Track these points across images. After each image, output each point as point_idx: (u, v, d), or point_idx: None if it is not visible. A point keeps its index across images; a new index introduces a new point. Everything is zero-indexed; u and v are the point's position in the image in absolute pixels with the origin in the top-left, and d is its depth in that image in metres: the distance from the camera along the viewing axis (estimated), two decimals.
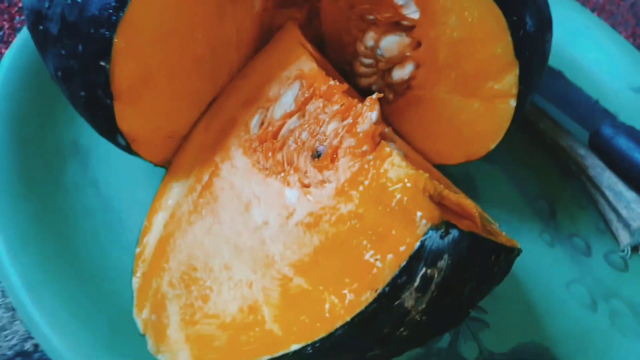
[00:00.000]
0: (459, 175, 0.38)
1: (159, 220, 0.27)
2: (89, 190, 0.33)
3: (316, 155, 0.22)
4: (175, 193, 0.27)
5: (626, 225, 0.36)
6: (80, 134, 0.35)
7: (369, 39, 0.32)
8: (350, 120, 0.22)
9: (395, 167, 0.19)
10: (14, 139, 0.32)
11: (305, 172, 0.22)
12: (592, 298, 0.34)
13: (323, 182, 0.21)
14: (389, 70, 0.33)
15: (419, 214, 0.18)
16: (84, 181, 0.33)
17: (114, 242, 0.31)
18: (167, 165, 0.30)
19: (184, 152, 0.29)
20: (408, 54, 0.31)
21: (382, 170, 0.19)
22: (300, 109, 0.25)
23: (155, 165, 0.29)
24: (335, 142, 0.22)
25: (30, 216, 0.30)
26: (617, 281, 0.35)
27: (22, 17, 0.45)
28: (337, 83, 0.25)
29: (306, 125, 0.24)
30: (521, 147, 0.42)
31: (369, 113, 0.22)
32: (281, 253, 0.20)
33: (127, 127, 0.26)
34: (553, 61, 0.49)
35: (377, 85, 0.34)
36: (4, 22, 0.44)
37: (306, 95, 0.25)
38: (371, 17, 0.31)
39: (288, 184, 0.22)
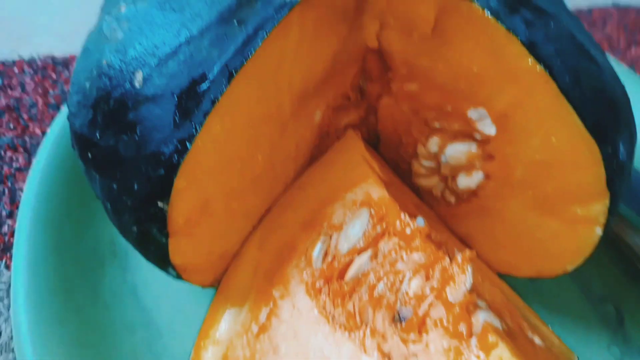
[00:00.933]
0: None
1: (208, 358, 0.24)
2: (128, 300, 0.31)
3: (398, 319, 0.20)
4: (227, 326, 0.25)
5: None
6: (117, 234, 0.33)
7: (433, 144, 0.29)
8: (437, 279, 0.20)
9: None
10: (49, 244, 0.30)
11: (384, 336, 0.20)
12: None
13: (411, 356, 0.19)
14: (453, 176, 0.30)
15: None
16: (122, 288, 0.31)
17: None
18: (217, 284, 0.27)
19: (235, 273, 0.27)
20: (477, 164, 0.28)
21: None
22: (371, 245, 0.23)
23: (204, 287, 0.27)
24: (421, 308, 0.19)
25: (68, 334, 0.28)
26: None
27: (57, 92, 0.43)
28: (412, 222, 0.22)
29: (381, 272, 0.22)
30: None
31: (462, 277, 0.19)
32: None
33: (180, 260, 0.23)
34: None
35: (438, 188, 0.32)
36: (38, 97, 0.43)
37: (378, 230, 0.23)
38: (437, 124, 0.28)
39: (364, 349, 0.20)
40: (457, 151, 0.28)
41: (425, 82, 0.27)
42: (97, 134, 0.21)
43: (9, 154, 0.38)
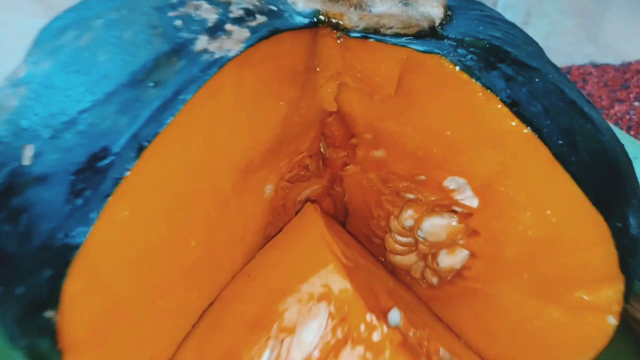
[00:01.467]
0: None
1: None
2: None
3: None
4: None
5: None
6: None
7: (407, 217, 0.25)
8: None
9: None
10: None
11: None
12: None
13: None
14: (433, 254, 0.26)
15: None
16: None
17: None
18: None
19: None
20: (461, 241, 0.24)
21: None
22: (330, 356, 0.18)
23: None
24: None
25: None
26: None
27: None
28: (381, 324, 0.17)
29: None
30: None
31: None
32: None
33: None
34: None
35: (417, 267, 0.27)
36: None
37: (338, 335, 0.18)
38: (410, 195, 0.24)
39: None
40: (436, 226, 0.24)
41: (394, 148, 0.23)
42: None
43: None
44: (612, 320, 0.21)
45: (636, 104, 0.60)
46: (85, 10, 0.20)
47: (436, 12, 0.22)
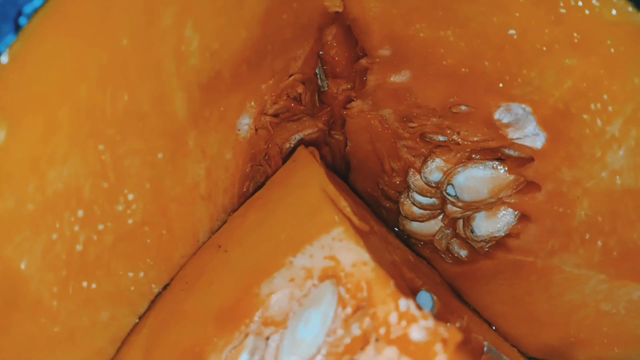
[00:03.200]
0: None
1: None
2: None
3: None
4: None
5: None
6: None
7: (434, 169, 0.19)
8: None
9: None
10: None
11: None
12: None
13: None
14: (466, 218, 0.20)
15: None
16: None
17: None
18: None
19: None
20: (509, 198, 0.18)
21: None
22: (344, 355, 0.12)
23: None
24: None
25: None
26: None
27: None
28: (425, 317, 0.11)
29: None
30: None
31: None
32: None
33: None
34: None
35: (442, 237, 0.21)
36: None
37: (354, 331, 0.12)
38: (441, 137, 0.18)
39: None
40: (475, 179, 0.19)
41: (423, 66, 0.17)
42: None
43: None
44: None
45: None
46: None
47: None
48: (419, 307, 0.12)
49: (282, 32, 0.16)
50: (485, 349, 0.17)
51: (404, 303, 0.12)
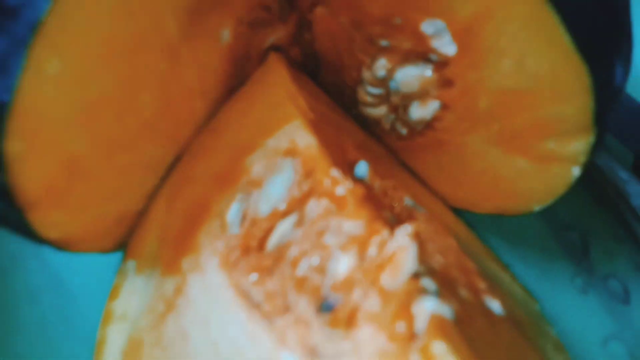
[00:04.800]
0: None
1: (114, 336, 0.20)
2: (32, 262, 0.26)
3: (324, 308, 0.16)
4: (133, 298, 0.21)
5: None
6: None
7: (380, 67, 0.24)
8: (372, 258, 0.15)
9: None
10: None
11: (308, 326, 0.16)
12: (633, 358, 0.30)
13: (338, 355, 0.15)
14: (404, 106, 0.25)
15: None
16: (22, 250, 0.27)
17: (68, 333, 0.25)
18: (122, 248, 0.23)
19: (141, 236, 0.22)
20: (433, 91, 0.23)
21: None
22: (296, 208, 0.18)
23: (107, 253, 0.22)
24: (352, 296, 0.15)
25: None
26: None
27: None
28: (347, 182, 0.17)
29: (306, 245, 0.17)
30: None
31: (404, 257, 0.15)
32: None
33: (57, 234, 0.18)
34: None
35: (388, 119, 0.27)
36: None
37: (303, 189, 0.18)
38: (384, 42, 0.22)
39: (284, 344, 0.16)
40: (409, 76, 0.23)
41: None
42: None
43: None
44: (577, 171, 0.21)
45: None
46: None
47: None
48: (345, 174, 0.18)
49: None
50: (405, 201, 0.24)
51: (334, 172, 0.18)
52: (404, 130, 0.27)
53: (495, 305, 0.19)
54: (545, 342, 0.20)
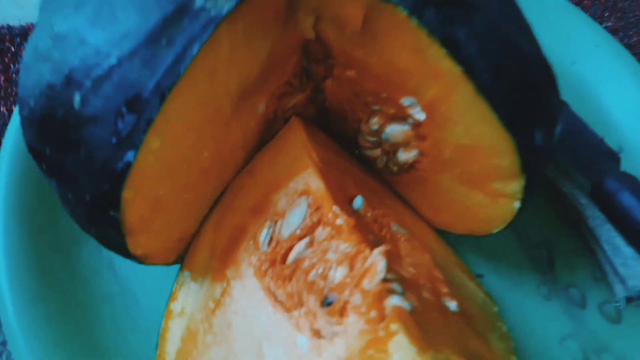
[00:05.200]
0: None
1: (175, 328, 0.28)
2: (105, 272, 0.34)
3: (325, 303, 0.23)
4: (189, 300, 0.28)
5: (622, 281, 0.37)
6: None
7: (374, 123, 0.31)
8: (357, 269, 0.23)
9: (402, 350, 0.20)
10: (25, 231, 0.33)
11: (315, 316, 0.23)
12: (585, 354, 0.36)
13: (334, 335, 0.22)
14: (393, 151, 0.32)
15: None
16: (99, 263, 0.34)
17: (133, 327, 0.32)
18: (180, 260, 0.31)
19: (195, 252, 0.30)
20: (413, 143, 0.30)
21: (390, 351, 0.20)
22: (308, 233, 0.26)
23: (169, 265, 0.30)
24: (344, 295, 0.23)
25: (51, 309, 0.31)
26: (609, 334, 0.37)
27: (18, 66, 0.43)
28: (344, 216, 0.25)
29: (315, 259, 0.25)
30: None
31: (378, 268, 0.22)
32: None
33: (141, 252, 0.26)
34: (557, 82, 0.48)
35: (382, 160, 0.34)
36: None
37: (314, 219, 0.26)
38: (376, 107, 0.30)
39: (299, 328, 0.23)
40: (395, 131, 0.30)
41: (362, 70, 0.28)
42: (47, 149, 0.23)
43: None
44: (517, 204, 0.28)
45: None
46: None
47: None
48: (343, 209, 0.26)
49: (279, 58, 0.27)
50: (392, 226, 0.31)
51: (335, 208, 0.26)
52: (394, 168, 0.34)
53: (452, 304, 0.26)
54: (492, 334, 0.27)
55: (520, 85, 0.24)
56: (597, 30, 0.50)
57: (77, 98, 0.22)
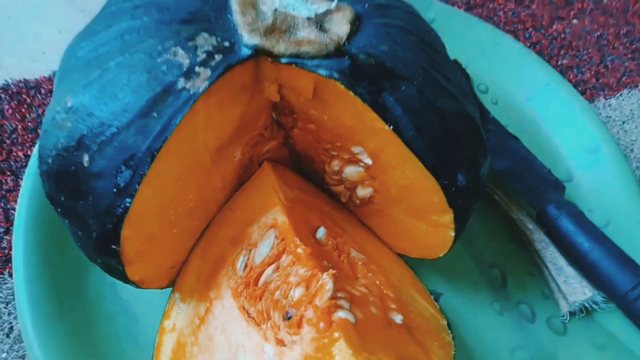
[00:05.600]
0: None
1: (167, 342, 0.33)
2: (109, 295, 0.40)
3: (287, 317, 0.29)
4: (179, 318, 0.34)
5: (565, 297, 0.42)
6: None
7: (335, 165, 0.37)
8: (312, 289, 0.28)
9: (341, 353, 0.25)
10: (40, 262, 0.39)
11: (279, 328, 0.29)
12: None
13: (292, 343, 0.27)
14: (353, 187, 0.38)
15: None
16: (104, 287, 0.40)
17: (133, 343, 0.38)
18: (172, 285, 0.36)
19: (184, 277, 0.35)
20: (367, 182, 0.36)
21: (333, 353, 0.25)
22: (275, 260, 0.31)
23: (162, 289, 0.36)
24: (301, 310, 0.28)
25: (63, 327, 0.37)
26: (556, 345, 0.42)
27: (33, 115, 0.50)
28: (302, 246, 0.30)
29: (279, 281, 0.30)
30: (479, 216, 0.47)
31: (327, 288, 0.28)
32: None
33: (137, 277, 0.32)
34: (511, 118, 0.53)
35: (345, 194, 0.40)
36: (17, 123, 0.49)
37: (279, 248, 0.31)
38: (334, 152, 0.36)
39: (266, 339, 0.29)
40: (351, 171, 0.36)
41: (319, 125, 0.34)
42: (62, 197, 0.29)
43: None
44: (452, 233, 0.34)
45: (575, 21, 0.67)
46: (100, 48, 0.29)
47: (343, 30, 0.31)
48: (303, 241, 0.31)
49: (250, 118, 0.33)
50: (351, 253, 0.37)
51: (296, 239, 0.31)
52: (357, 202, 0.40)
53: (398, 317, 0.31)
54: (432, 342, 0.32)
55: (440, 138, 0.30)
56: (548, 71, 0.56)
57: (86, 158, 0.28)
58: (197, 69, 0.28)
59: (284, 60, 0.29)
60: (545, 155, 0.51)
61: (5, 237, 0.43)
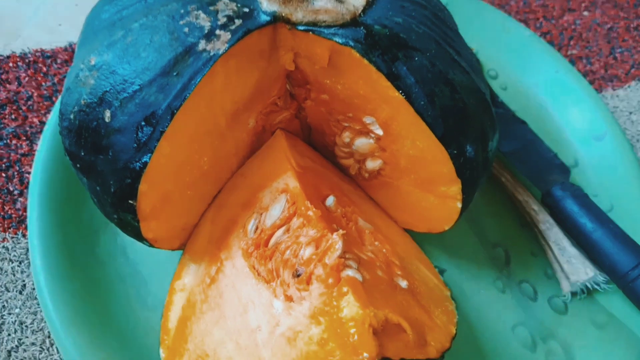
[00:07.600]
0: None
1: (177, 300, 0.34)
2: (119, 257, 0.41)
3: (296, 275, 0.30)
4: (189, 278, 0.35)
5: (567, 277, 0.43)
6: None
7: (345, 136, 0.38)
8: (322, 248, 0.29)
9: (349, 305, 0.26)
10: (55, 218, 0.40)
11: (289, 285, 0.30)
12: (533, 339, 0.42)
13: (301, 299, 0.28)
14: (363, 160, 0.39)
15: (365, 354, 0.25)
16: (114, 249, 0.41)
17: (142, 304, 0.39)
18: (183, 247, 0.37)
19: (195, 240, 0.36)
20: (377, 154, 0.37)
21: (341, 306, 0.26)
22: (286, 222, 0.32)
23: (174, 250, 0.37)
24: (310, 267, 0.29)
25: (75, 286, 0.38)
26: (556, 323, 0.43)
27: (48, 84, 0.51)
28: (313, 208, 0.31)
29: (290, 242, 0.31)
30: (485, 197, 0.48)
31: (337, 247, 0.28)
32: (269, 358, 0.27)
33: (151, 235, 0.33)
34: (520, 104, 0.54)
35: (354, 167, 0.40)
36: (33, 90, 0.50)
37: (290, 212, 0.32)
38: (346, 124, 0.37)
39: (275, 295, 0.30)
40: (362, 143, 0.37)
41: (332, 95, 0.34)
42: (82, 152, 0.30)
43: (14, 142, 0.47)
44: (459, 205, 0.35)
45: (585, 13, 0.67)
46: (123, 10, 0.30)
47: (359, 2, 0.31)
48: (314, 204, 0.32)
49: (265, 84, 0.33)
50: (359, 221, 0.37)
51: (307, 203, 0.32)
52: (366, 175, 0.40)
53: (403, 282, 0.32)
54: (435, 308, 0.33)
55: (450, 108, 0.31)
56: (557, 58, 0.56)
57: (107, 114, 0.29)
58: (217, 31, 0.29)
59: (300, 28, 0.30)
60: (552, 141, 0.51)
61: (19, 199, 0.44)
